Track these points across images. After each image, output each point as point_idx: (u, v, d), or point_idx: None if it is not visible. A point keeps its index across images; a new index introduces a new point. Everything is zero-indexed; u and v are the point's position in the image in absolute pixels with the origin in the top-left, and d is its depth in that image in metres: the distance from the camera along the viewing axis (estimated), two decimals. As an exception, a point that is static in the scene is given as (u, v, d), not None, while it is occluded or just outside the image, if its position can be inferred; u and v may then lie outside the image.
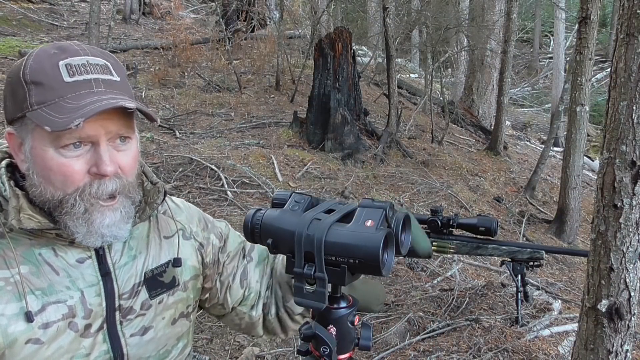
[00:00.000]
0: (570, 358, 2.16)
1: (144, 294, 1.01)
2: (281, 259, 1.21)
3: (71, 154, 0.88)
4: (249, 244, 1.23)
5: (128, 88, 0.96)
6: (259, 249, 1.23)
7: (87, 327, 0.94)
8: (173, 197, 1.17)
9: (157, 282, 1.03)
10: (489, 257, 2.50)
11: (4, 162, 0.94)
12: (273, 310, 1.19)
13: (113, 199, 0.92)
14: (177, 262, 1.06)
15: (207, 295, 1.15)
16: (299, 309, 1.16)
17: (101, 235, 0.91)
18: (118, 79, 0.94)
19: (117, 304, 0.97)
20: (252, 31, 10.17)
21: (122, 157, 0.93)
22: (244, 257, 1.20)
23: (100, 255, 0.96)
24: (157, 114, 6.83)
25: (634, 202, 1.47)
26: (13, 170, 0.95)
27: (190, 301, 1.10)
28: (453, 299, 3.24)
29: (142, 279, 1.01)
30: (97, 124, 0.88)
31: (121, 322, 0.98)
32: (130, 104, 0.88)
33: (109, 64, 0.94)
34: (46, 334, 0.89)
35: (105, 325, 0.96)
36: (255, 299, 1.19)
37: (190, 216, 1.15)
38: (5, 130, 0.94)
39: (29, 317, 0.87)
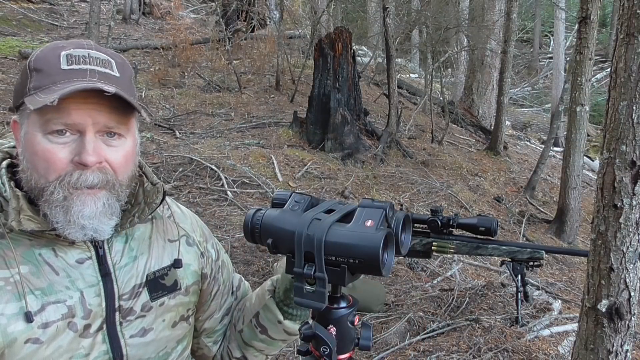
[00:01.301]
0: (570, 358, 2.16)
1: (145, 295, 1.00)
2: (242, 301, 1.21)
3: (57, 141, 0.88)
4: (236, 278, 1.23)
5: (129, 87, 0.95)
6: (243, 288, 1.24)
7: (87, 327, 0.93)
8: (179, 204, 1.17)
9: (158, 284, 1.02)
10: (489, 257, 2.50)
11: (4, 163, 0.94)
12: (221, 347, 1.20)
13: (93, 189, 0.90)
14: (177, 264, 1.05)
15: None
16: (238, 353, 1.17)
17: (81, 227, 0.90)
18: (118, 75, 0.93)
19: (117, 305, 0.97)
20: (252, 31, 10.17)
21: (111, 152, 0.92)
22: (232, 293, 1.20)
23: (101, 255, 0.96)
24: (148, 111, 6.83)
25: (634, 202, 1.47)
26: (14, 170, 0.95)
27: (190, 305, 1.10)
28: (453, 299, 3.24)
29: (144, 280, 1.01)
30: (85, 113, 0.88)
31: (121, 323, 0.97)
32: (110, 88, 0.87)
33: (112, 61, 0.94)
34: (45, 333, 0.89)
35: (104, 326, 0.96)
36: (221, 336, 1.20)
37: (193, 225, 1.14)
38: (12, 119, 0.96)
39: (28, 317, 0.87)
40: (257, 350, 1.15)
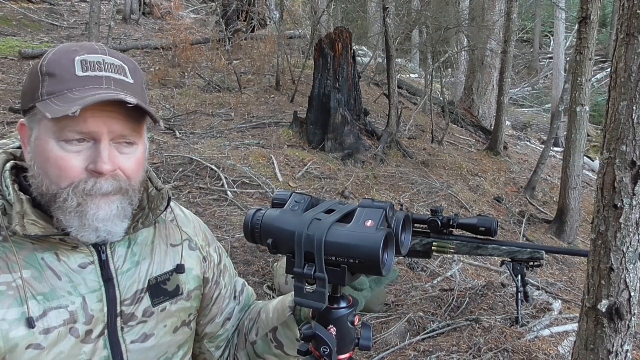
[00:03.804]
0: (570, 358, 2.16)
1: (146, 300, 1.00)
2: (253, 310, 1.20)
3: (71, 148, 0.88)
4: (239, 283, 1.23)
5: (142, 93, 0.95)
6: (246, 293, 1.23)
7: (88, 332, 0.93)
8: (182, 207, 1.16)
9: (160, 289, 1.02)
10: (489, 257, 2.50)
11: (8, 165, 0.93)
12: (225, 354, 1.20)
13: (108, 195, 0.91)
14: (180, 269, 1.05)
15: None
16: None
17: (95, 229, 0.90)
18: (132, 81, 0.93)
19: (118, 310, 0.96)
20: (252, 31, 10.17)
21: (124, 160, 0.92)
22: (234, 297, 1.20)
23: (103, 260, 0.96)
24: (158, 115, 6.82)
25: (634, 202, 1.47)
26: (17, 172, 0.94)
27: (192, 310, 1.09)
28: (453, 299, 3.24)
29: (146, 285, 1.00)
30: (101, 121, 0.88)
31: (122, 329, 0.97)
32: (131, 99, 0.87)
33: (126, 66, 0.94)
34: (47, 339, 0.89)
35: (106, 331, 0.95)
36: (224, 341, 1.19)
37: (196, 229, 1.14)
38: (19, 121, 0.95)
39: (30, 322, 0.87)
40: None
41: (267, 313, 1.13)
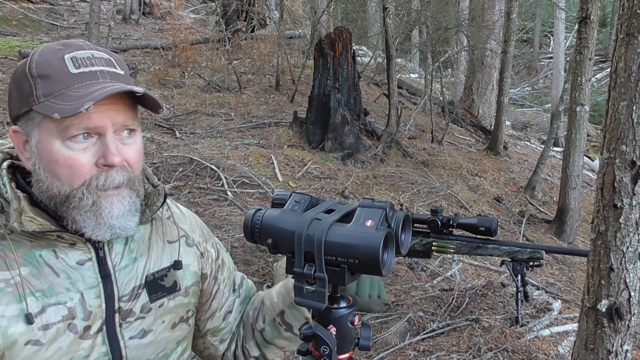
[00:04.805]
0: (570, 358, 2.16)
1: (144, 297, 1.00)
2: (255, 300, 1.21)
3: (78, 147, 0.88)
4: (238, 276, 1.23)
5: (131, 82, 0.96)
6: (246, 286, 1.24)
7: (87, 328, 0.93)
8: (179, 204, 1.17)
9: (158, 285, 1.02)
10: (489, 257, 2.50)
11: (5, 164, 0.93)
12: (232, 347, 1.20)
13: (119, 189, 0.92)
14: (177, 265, 1.05)
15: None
16: (256, 352, 1.17)
17: (110, 227, 0.91)
18: (122, 72, 0.95)
19: (116, 306, 0.97)
20: (252, 31, 10.17)
21: (128, 150, 0.93)
22: (234, 290, 1.20)
23: (101, 257, 0.96)
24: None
25: (634, 202, 1.47)
26: (14, 171, 0.94)
27: (190, 306, 1.09)
28: (453, 299, 3.24)
29: (143, 282, 1.00)
30: (104, 115, 0.88)
31: (121, 325, 0.97)
32: (139, 88, 0.89)
33: (112, 59, 0.95)
34: (46, 335, 0.89)
35: (104, 327, 0.95)
36: (228, 334, 1.19)
37: (193, 225, 1.15)
38: (10, 129, 0.94)
39: (29, 318, 0.87)
40: (278, 347, 1.16)
41: (271, 299, 1.14)
